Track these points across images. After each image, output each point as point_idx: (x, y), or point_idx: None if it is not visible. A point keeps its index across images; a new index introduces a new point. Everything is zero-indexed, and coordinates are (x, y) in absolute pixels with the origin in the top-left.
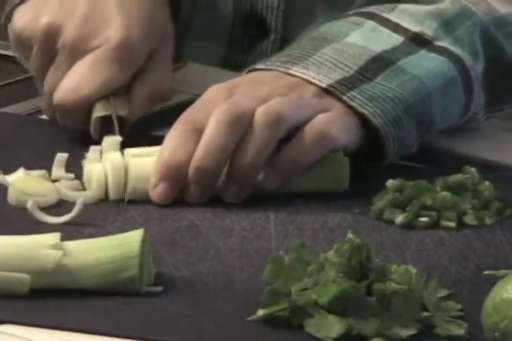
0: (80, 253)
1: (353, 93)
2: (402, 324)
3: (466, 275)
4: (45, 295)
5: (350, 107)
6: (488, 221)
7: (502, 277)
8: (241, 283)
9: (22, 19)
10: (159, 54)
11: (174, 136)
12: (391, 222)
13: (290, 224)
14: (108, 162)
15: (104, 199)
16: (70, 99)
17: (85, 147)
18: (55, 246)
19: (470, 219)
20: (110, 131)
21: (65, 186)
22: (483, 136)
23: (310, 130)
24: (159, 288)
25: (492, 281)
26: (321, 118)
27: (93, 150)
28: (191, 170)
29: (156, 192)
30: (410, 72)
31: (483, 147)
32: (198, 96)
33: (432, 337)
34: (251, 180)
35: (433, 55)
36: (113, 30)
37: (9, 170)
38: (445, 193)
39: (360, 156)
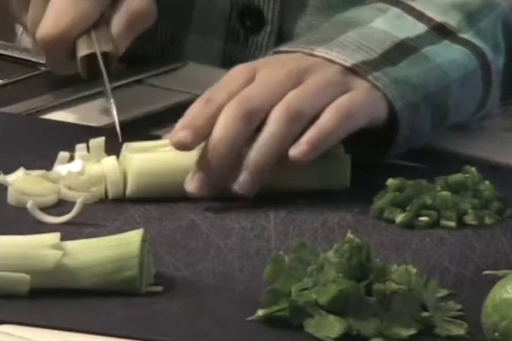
0: (79, 253)
1: (377, 74)
2: (402, 324)
3: (466, 275)
4: (45, 295)
5: (375, 86)
6: (488, 220)
7: (502, 277)
8: (241, 283)
9: None
10: None
11: (192, 112)
12: (391, 222)
13: (290, 224)
14: (104, 164)
15: (103, 199)
16: (50, 35)
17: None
18: (55, 246)
19: (470, 219)
20: (97, 69)
21: (65, 186)
22: (483, 136)
23: (332, 110)
24: (159, 288)
25: (492, 281)
26: (342, 99)
27: (79, 148)
28: (200, 157)
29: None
30: (433, 60)
31: (483, 147)
32: (198, 96)
33: (431, 337)
34: (264, 170)
35: (456, 46)
36: None
37: (9, 170)
38: (445, 193)
39: (370, 143)
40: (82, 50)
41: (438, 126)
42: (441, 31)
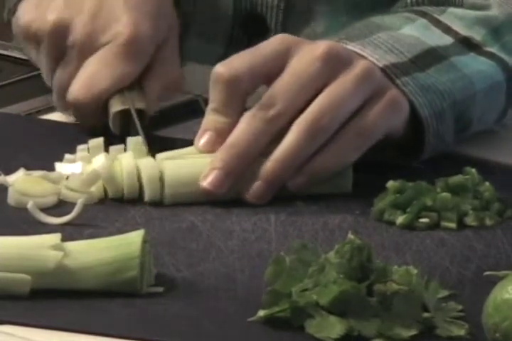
0: (80, 254)
1: (406, 79)
2: (402, 324)
3: (467, 276)
4: (45, 296)
5: (402, 92)
6: (488, 222)
7: (503, 278)
8: (242, 284)
9: (28, 15)
10: (167, 45)
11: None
12: (392, 223)
13: (291, 226)
14: (95, 163)
15: (104, 200)
16: (84, 96)
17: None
18: (56, 247)
19: (470, 220)
20: (131, 125)
21: (65, 187)
22: (483, 136)
23: (350, 134)
24: (160, 289)
25: (493, 282)
26: (364, 118)
27: (80, 149)
28: (218, 155)
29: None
30: (461, 70)
31: (483, 147)
32: (198, 96)
33: (432, 337)
34: (280, 181)
35: (482, 58)
36: (121, 25)
37: (9, 170)
38: (445, 194)
39: (396, 150)
40: (116, 106)
41: (460, 135)
42: (467, 44)
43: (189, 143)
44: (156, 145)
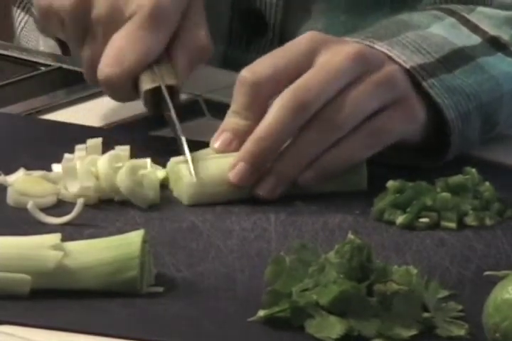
0: (80, 254)
1: (433, 80)
2: (402, 324)
3: (467, 276)
4: (45, 296)
5: (427, 94)
6: (488, 222)
7: (503, 277)
8: (242, 284)
9: None
10: (191, 12)
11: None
12: (392, 223)
13: (290, 225)
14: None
15: (104, 200)
16: (113, 73)
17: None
18: (56, 247)
19: (470, 220)
20: (163, 103)
21: (64, 187)
22: None
23: (364, 134)
24: (160, 289)
25: (493, 282)
26: (379, 121)
27: (79, 149)
28: (245, 145)
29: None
30: (488, 71)
31: (483, 147)
32: (198, 96)
33: (432, 337)
34: (290, 176)
35: (510, 59)
36: None
37: (9, 170)
38: (445, 194)
39: (414, 152)
40: (146, 84)
41: (487, 136)
42: (494, 44)
43: (190, 143)
44: (156, 146)
